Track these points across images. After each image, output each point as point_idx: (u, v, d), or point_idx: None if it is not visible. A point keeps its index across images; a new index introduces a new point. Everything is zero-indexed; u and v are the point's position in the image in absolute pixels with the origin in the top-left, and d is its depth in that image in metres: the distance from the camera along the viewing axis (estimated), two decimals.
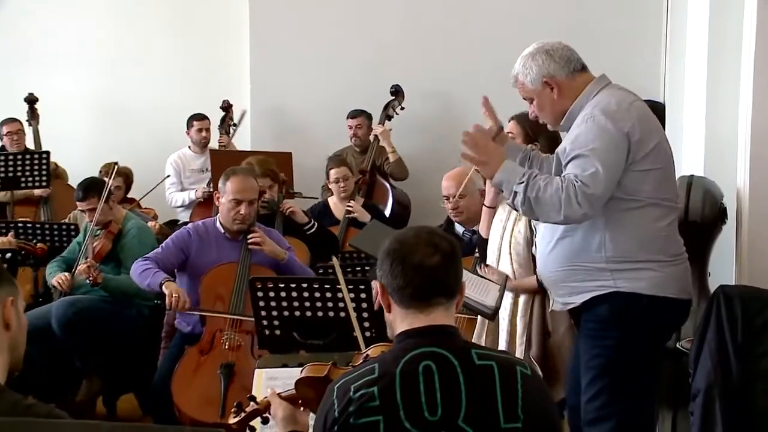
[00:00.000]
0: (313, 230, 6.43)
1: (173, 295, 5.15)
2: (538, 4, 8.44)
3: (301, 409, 2.95)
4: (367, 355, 2.83)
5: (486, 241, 4.94)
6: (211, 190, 7.65)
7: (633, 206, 3.78)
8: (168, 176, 8.41)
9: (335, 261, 4.22)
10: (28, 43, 9.32)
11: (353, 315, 4.01)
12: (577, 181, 3.63)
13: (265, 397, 3.03)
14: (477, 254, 5.12)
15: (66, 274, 5.99)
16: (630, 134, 3.72)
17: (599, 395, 3.85)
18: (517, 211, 3.94)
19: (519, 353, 4.45)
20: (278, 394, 2.97)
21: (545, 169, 4.08)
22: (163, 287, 5.21)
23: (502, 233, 4.63)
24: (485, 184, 4.77)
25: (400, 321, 2.68)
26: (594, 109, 3.78)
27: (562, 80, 3.91)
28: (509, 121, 4.61)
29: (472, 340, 4.63)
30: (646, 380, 3.93)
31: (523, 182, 3.69)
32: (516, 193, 3.70)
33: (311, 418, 2.86)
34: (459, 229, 5.82)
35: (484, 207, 4.96)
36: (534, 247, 4.23)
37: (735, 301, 3.67)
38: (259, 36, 8.89)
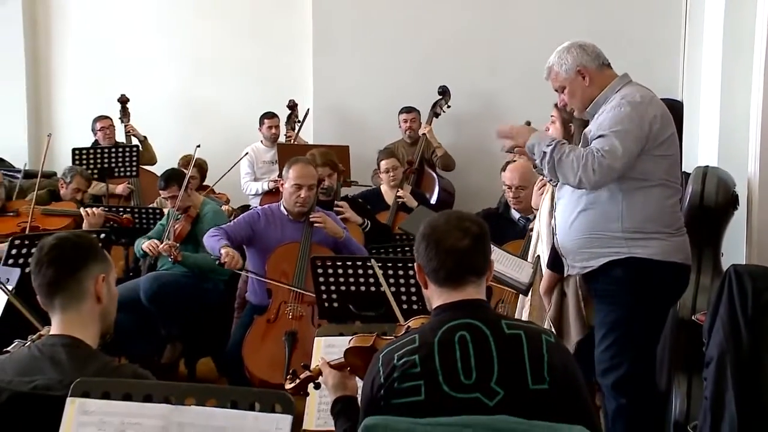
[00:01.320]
0: (368, 228, 6.43)
1: (229, 255, 5.24)
2: (569, 12, 8.36)
3: (349, 374, 2.94)
4: (408, 326, 2.84)
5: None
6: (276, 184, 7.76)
7: (647, 185, 3.91)
8: (241, 162, 8.46)
9: (374, 264, 4.35)
10: (121, 49, 9.40)
11: (389, 293, 4.12)
12: (597, 152, 3.77)
13: (317, 365, 3.03)
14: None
15: (156, 240, 6.04)
16: (652, 123, 3.88)
17: (611, 347, 3.97)
18: (541, 174, 4.03)
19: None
20: (328, 363, 2.97)
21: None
22: (221, 249, 5.27)
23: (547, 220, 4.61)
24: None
25: (436, 297, 2.68)
26: (622, 99, 3.90)
27: (593, 70, 4.04)
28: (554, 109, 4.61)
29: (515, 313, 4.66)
30: (653, 336, 4.09)
31: (551, 145, 3.85)
32: (544, 153, 3.85)
33: (358, 383, 2.88)
34: (515, 215, 5.83)
35: (534, 191, 5.01)
36: (553, 219, 4.21)
37: (745, 279, 3.64)
38: (320, 44, 8.89)
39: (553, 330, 4.24)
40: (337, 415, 2.80)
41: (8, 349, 2.85)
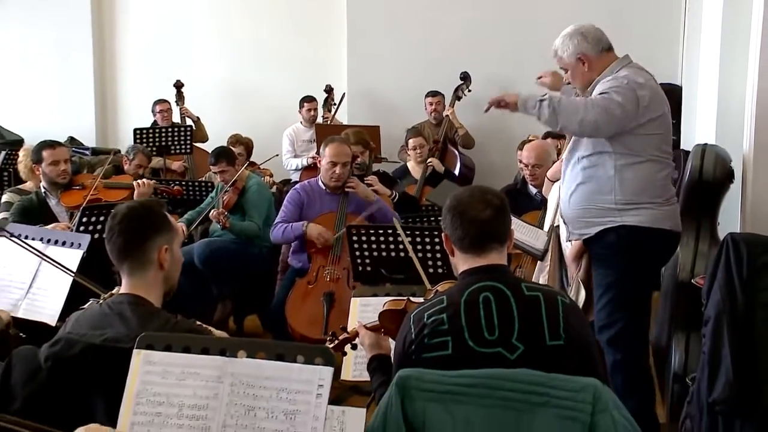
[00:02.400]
0: (396, 199, 6.44)
1: (318, 236, 5.37)
2: (579, 4, 8.26)
3: (383, 335, 2.94)
4: (437, 290, 2.83)
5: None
6: (313, 160, 7.77)
7: (637, 161, 3.91)
8: (282, 141, 8.49)
9: (396, 223, 4.30)
10: (176, 39, 9.41)
11: (416, 258, 4.10)
12: (595, 101, 3.81)
13: (354, 328, 3.04)
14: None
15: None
16: (641, 99, 3.83)
17: (606, 306, 3.99)
18: (539, 119, 3.97)
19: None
20: (364, 325, 2.98)
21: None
22: (306, 229, 5.40)
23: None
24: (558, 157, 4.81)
25: (462, 263, 2.68)
26: (622, 77, 3.90)
27: (593, 57, 4.02)
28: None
29: (533, 277, 4.65)
30: (644, 296, 4.09)
31: (544, 98, 3.85)
32: (541, 102, 3.84)
33: (391, 344, 2.87)
34: (532, 190, 5.79)
35: (546, 178, 5.05)
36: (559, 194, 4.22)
37: (741, 245, 3.62)
38: (354, 34, 8.86)
39: (582, 289, 4.25)
40: (373, 371, 2.81)
41: (83, 306, 2.88)
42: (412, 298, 2.93)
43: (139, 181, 6.05)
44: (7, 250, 3.89)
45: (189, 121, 8.57)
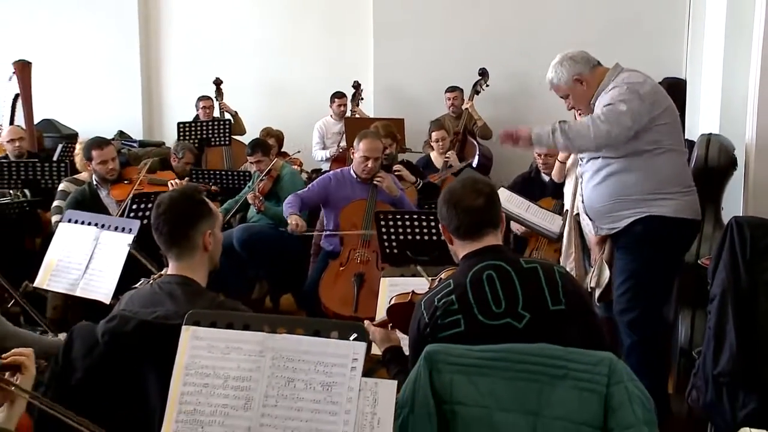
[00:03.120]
0: (420, 186, 6.44)
1: (293, 223, 5.37)
2: (590, 3, 8.23)
3: (391, 330, 2.94)
4: (440, 278, 2.81)
5: (560, 185, 5.09)
6: (339, 150, 8.05)
7: (658, 152, 3.88)
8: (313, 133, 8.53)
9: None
10: (216, 39, 9.42)
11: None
12: (600, 112, 3.79)
13: (382, 319, 3.03)
14: None
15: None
16: (645, 96, 3.82)
17: (628, 292, 3.96)
18: (564, 151, 3.95)
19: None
20: (371, 323, 2.95)
21: None
22: (289, 218, 5.41)
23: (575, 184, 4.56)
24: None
25: (461, 249, 2.69)
26: (621, 82, 3.87)
27: (587, 75, 3.98)
28: None
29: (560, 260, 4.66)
30: (665, 283, 4.07)
31: (554, 129, 3.82)
32: (551, 134, 3.83)
33: (400, 336, 2.90)
34: (545, 177, 5.74)
35: (557, 161, 5.08)
36: (579, 188, 4.18)
37: (745, 228, 3.60)
38: (379, 33, 8.84)
39: (606, 269, 4.23)
40: (387, 363, 2.81)
41: (135, 286, 2.90)
42: (416, 290, 2.90)
43: (173, 181, 6.08)
44: (65, 236, 3.93)
45: (227, 116, 8.60)
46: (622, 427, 2.12)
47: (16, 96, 8.62)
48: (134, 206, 4.88)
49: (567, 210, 4.51)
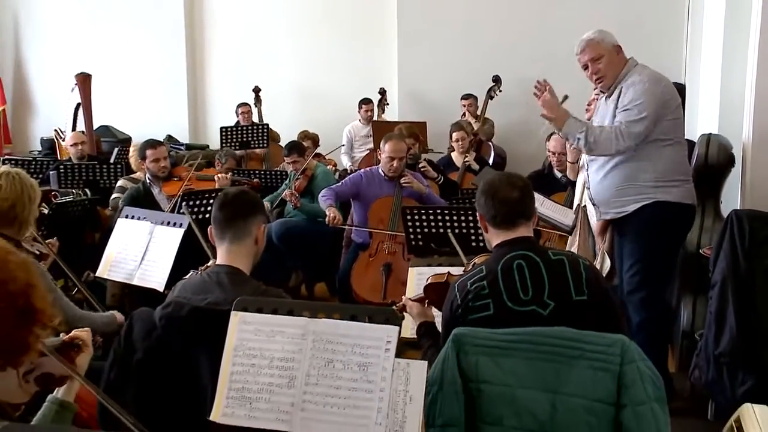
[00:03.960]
0: (441, 182, 6.43)
1: (330, 216, 5.36)
2: (597, 10, 8.17)
3: (427, 306, 2.93)
4: (474, 262, 2.81)
5: (573, 181, 5.07)
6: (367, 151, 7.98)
7: (668, 143, 3.87)
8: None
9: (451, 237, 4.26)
10: (255, 50, 9.43)
11: (453, 240, 4.06)
12: (622, 125, 3.74)
13: (401, 302, 3.03)
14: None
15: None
16: (663, 93, 3.82)
17: (637, 273, 3.93)
18: (580, 150, 3.95)
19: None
20: (409, 298, 2.96)
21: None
22: (327, 210, 5.41)
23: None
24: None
25: (495, 237, 2.67)
26: (640, 77, 3.84)
27: (621, 52, 3.97)
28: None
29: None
30: (669, 265, 4.05)
31: (582, 131, 3.79)
32: (578, 138, 3.81)
33: (435, 312, 2.89)
34: (558, 174, 5.70)
35: (568, 162, 5.08)
36: (585, 175, 4.16)
37: (744, 220, 3.60)
38: (403, 44, 8.83)
39: (607, 258, 4.23)
40: (422, 336, 2.80)
41: (185, 277, 2.91)
42: (452, 271, 2.90)
43: (219, 175, 6.12)
44: (123, 230, 3.96)
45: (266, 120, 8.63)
46: (634, 404, 2.11)
47: (78, 105, 8.71)
48: (184, 203, 4.91)
49: (577, 204, 4.47)
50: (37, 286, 1.78)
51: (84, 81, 8.72)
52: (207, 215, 4.78)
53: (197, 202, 4.81)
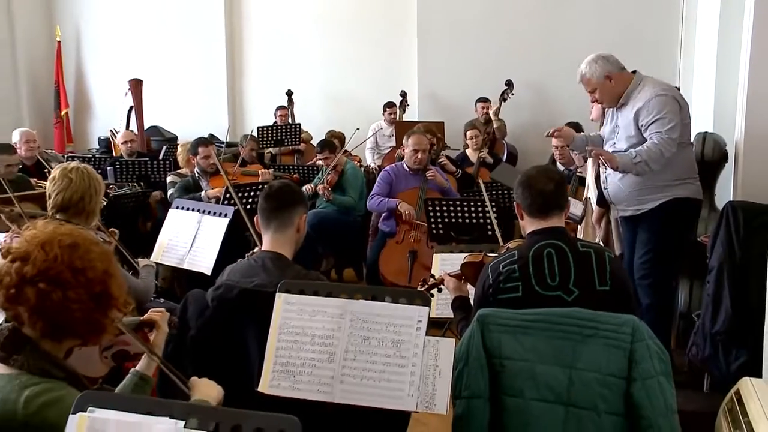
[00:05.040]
0: (458, 175, 6.41)
1: (406, 212, 5.36)
2: (597, 21, 8.14)
3: (463, 282, 2.93)
4: (508, 246, 2.79)
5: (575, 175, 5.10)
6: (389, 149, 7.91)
7: (682, 145, 3.82)
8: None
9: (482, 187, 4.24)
10: (288, 56, 9.41)
11: (495, 220, 4.01)
12: (663, 135, 3.69)
13: (440, 276, 3.02)
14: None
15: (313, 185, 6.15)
16: (680, 100, 3.78)
17: (649, 261, 3.90)
18: (638, 175, 3.83)
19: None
20: (448, 273, 2.95)
21: (597, 141, 4.12)
22: (399, 206, 5.40)
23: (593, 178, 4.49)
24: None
25: (529, 225, 2.64)
26: (654, 90, 3.78)
27: (616, 74, 3.87)
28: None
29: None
30: (678, 255, 4.00)
31: (637, 162, 3.72)
32: (636, 164, 3.73)
33: (469, 288, 2.87)
34: (560, 167, 5.67)
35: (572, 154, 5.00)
36: (603, 176, 4.09)
37: (738, 211, 3.57)
38: (423, 49, 8.77)
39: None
40: (456, 309, 2.80)
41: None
42: (488, 253, 2.89)
43: (262, 170, 6.13)
44: (174, 220, 3.97)
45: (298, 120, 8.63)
46: (643, 378, 2.10)
47: (131, 108, 8.77)
48: (228, 195, 4.92)
49: (587, 197, 4.44)
50: (115, 275, 1.80)
51: (136, 86, 8.78)
52: (249, 206, 4.80)
53: (241, 194, 4.83)
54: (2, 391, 1.68)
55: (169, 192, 5.80)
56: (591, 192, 4.37)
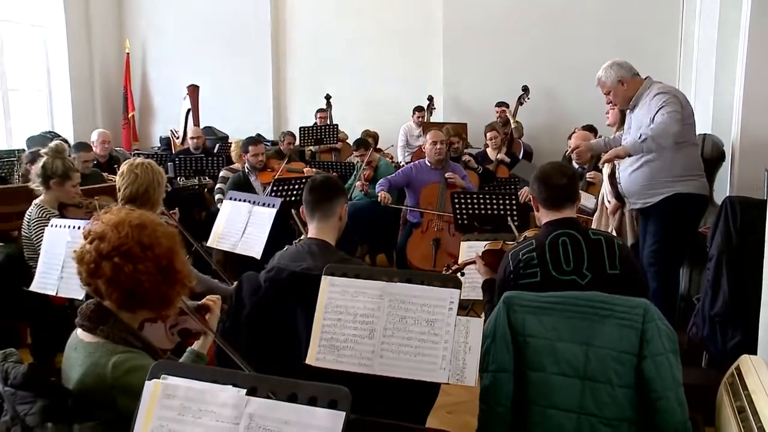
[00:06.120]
0: (480, 172, 6.37)
1: (382, 196, 5.44)
2: (602, 31, 8.02)
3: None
4: (526, 236, 2.76)
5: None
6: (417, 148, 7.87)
7: (686, 144, 3.79)
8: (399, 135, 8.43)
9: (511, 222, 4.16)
10: (327, 63, 9.39)
11: (512, 224, 4.04)
12: (665, 114, 3.61)
13: (465, 260, 2.99)
14: None
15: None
16: (681, 100, 3.72)
17: (656, 250, 3.86)
18: (649, 151, 3.75)
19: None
20: (480, 257, 2.91)
21: (618, 142, 4.04)
22: (379, 193, 5.48)
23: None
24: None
25: (545, 216, 2.61)
26: (659, 90, 3.75)
27: (629, 79, 3.84)
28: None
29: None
30: (682, 245, 3.95)
31: (642, 141, 3.64)
32: (644, 148, 3.67)
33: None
34: (576, 165, 5.62)
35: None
36: (617, 173, 4.04)
37: (736, 205, 3.52)
38: (448, 59, 8.72)
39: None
40: (485, 290, 2.78)
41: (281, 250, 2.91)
42: (507, 242, 2.86)
43: (306, 169, 6.15)
44: (228, 209, 3.98)
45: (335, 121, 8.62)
46: (654, 355, 2.07)
47: (188, 110, 8.84)
48: (276, 188, 4.94)
49: (602, 193, 4.38)
50: (179, 253, 1.83)
51: (193, 91, 8.84)
52: (292, 198, 4.81)
53: (286, 188, 4.84)
54: (93, 356, 1.74)
55: (217, 186, 5.84)
56: (605, 188, 4.31)
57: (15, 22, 8.69)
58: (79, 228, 2.88)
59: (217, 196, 5.83)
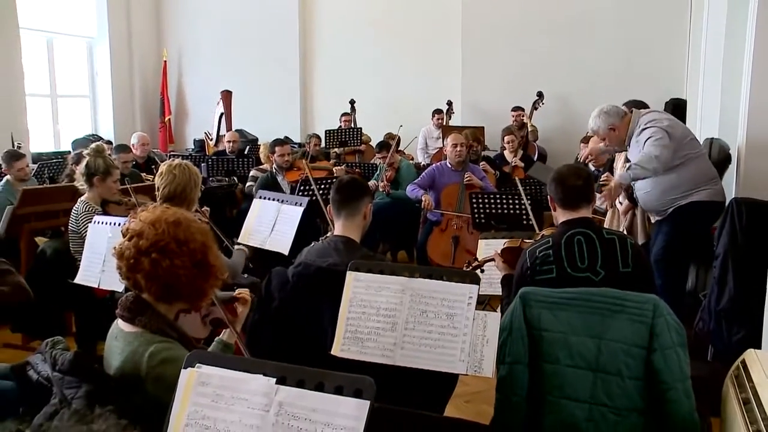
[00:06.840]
0: (498, 176, 6.34)
1: (426, 201, 5.36)
2: (612, 39, 7.90)
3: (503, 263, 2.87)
4: (543, 234, 2.74)
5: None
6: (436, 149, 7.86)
7: (690, 158, 3.77)
8: (418, 137, 8.40)
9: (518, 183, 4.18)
10: (351, 69, 9.41)
11: (529, 209, 3.98)
12: (653, 142, 3.65)
13: (485, 257, 2.97)
14: None
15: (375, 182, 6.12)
16: (669, 129, 3.71)
17: (664, 249, 3.82)
18: (635, 179, 3.83)
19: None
20: (498, 254, 2.89)
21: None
22: (423, 197, 5.40)
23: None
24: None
25: (561, 216, 2.59)
26: (644, 126, 3.76)
27: (618, 124, 3.84)
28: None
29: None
30: (691, 247, 3.92)
31: (630, 167, 3.73)
32: (630, 169, 3.73)
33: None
34: (592, 167, 5.57)
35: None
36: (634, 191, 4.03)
37: (742, 206, 3.48)
38: (467, 65, 8.68)
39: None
40: (504, 286, 2.76)
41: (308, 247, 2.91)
42: (525, 239, 2.84)
43: (335, 168, 6.15)
44: (258, 208, 3.99)
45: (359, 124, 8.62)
46: (663, 348, 2.04)
47: (221, 114, 8.90)
48: (302, 187, 4.95)
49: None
50: (212, 248, 1.84)
51: (226, 96, 8.91)
52: (315, 197, 4.80)
53: (311, 187, 4.83)
54: (132, 345, 1.75)
55: (248, 184, 5.88)
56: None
57: (63, 33, 8.87)
58: (118, 225, 2.92)
59: (248, 185, 5.95)
